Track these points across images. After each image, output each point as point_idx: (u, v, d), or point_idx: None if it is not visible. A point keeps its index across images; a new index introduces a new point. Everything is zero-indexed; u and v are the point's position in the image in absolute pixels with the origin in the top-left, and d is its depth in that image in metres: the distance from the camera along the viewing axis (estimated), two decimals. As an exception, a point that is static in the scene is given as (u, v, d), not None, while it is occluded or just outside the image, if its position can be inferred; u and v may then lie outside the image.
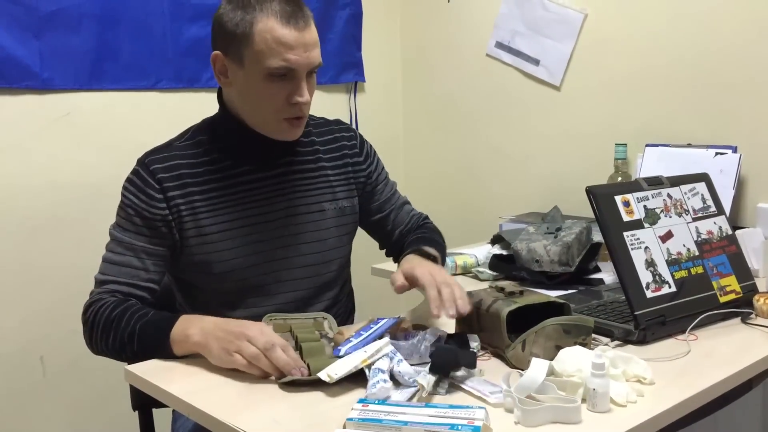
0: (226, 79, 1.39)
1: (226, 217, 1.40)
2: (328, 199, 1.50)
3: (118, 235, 1.39)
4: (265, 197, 1.44)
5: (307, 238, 1.47)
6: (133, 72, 2.23)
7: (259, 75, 1.33)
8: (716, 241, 1.48)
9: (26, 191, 2.09)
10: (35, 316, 2.14)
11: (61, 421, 2.20)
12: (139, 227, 1.37)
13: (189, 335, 1.23)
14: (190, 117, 1.50)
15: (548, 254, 1.68)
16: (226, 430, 1.02)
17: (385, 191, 1.62)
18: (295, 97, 1.34)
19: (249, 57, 1.32)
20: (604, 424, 0.99)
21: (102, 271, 1.38)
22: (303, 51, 1.32)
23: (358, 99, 2.79)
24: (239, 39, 1.32)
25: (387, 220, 1.62)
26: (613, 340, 1.31)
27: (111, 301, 1.32)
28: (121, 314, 1.30)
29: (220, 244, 1.40)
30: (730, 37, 1.99)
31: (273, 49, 1.30)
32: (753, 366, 1.24)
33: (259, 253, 1.43)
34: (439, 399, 1.08)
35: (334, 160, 1.53)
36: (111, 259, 1.38)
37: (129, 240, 1.37)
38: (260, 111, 1.38)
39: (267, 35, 1.30)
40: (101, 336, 1.31)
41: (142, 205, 1.37)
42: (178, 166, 1.39)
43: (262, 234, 1.43)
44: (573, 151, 2.38)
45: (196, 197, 1.39)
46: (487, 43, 2.56)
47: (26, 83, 2.05)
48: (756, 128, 1.95)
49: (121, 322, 1.29)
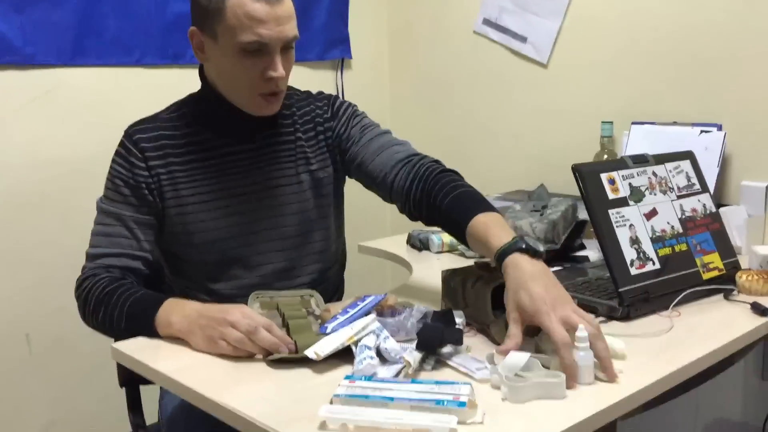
0: (203, 54, 1.39)
1: (204, 188, 1.42)
2: (304, 170, 1.50)
3: (106, 207, 1.39)
4: (244, 169, 1.44)
5: (285, 210, 1.47)
6: (117, 48, 2.20)
7: (233, 50, 1.32)
8: (700, 219, 1.49)
9: (9, 168, 2.07)
10: (21, 294, 2.13)
11: (48, 399, 2.20)
12: (126, 197, 1.38)
13: (172, 323, 1.23)
14: (175, 93, 1.49)
15: (534, 232, 1.69)
16: (214, 406, 1.03)
17: (362, 140, 1.50)
18: (269, 72, 1.34)
19: (222, 32, 1.32)
20: (589, 399, 1.01)
21: (93, 244, 1.38)
22: (275, 25, 1.31)
23: (345, 76, 2.78)
24: (212, 14, 1.31)
25: (365, 166, 1.48)
26: (597, 316, 1.32)
27: (104, 278, 1.33)
28: (111, 293, 1.30)
29: (200, 215, 1.41)
30: (717, 16, 1.99)
31: (244, 24, 1.29)
32: (735, 342, 1.25)
33: (238, 225, 1.44)
34: (425, 375, 1.09)
35: (308, 132, 1.52)
36: (101, 232, 1.38)
37: (117, 211, 1.38)
38: (236, 86, 1.38)
39: (238, 10, 1.29)
40: (92, 313, 1.32)
41: (127, 174, 1.38)
42: (160, 137, 1.41)
43: (241, 206, 1.44)
44: (559, 128, 2.38)
45: (176, 167, 1.40)
46: (475, 20, 2.55)
47: (8, 59, 2.03)
48: (741, 107, 1.96)
49: (110, 302, 1.29)
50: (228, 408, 1.00)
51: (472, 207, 1.31)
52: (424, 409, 0.94)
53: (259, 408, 0.99)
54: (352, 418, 0.93)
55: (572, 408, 0.98)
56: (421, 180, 1.41)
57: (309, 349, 1.11)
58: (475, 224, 1.27)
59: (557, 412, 0.98)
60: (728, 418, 1.68)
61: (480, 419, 0.94)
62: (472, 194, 1.37)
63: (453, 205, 1.34)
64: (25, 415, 2.16)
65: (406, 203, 1.44)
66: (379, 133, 1.52)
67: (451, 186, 1.37)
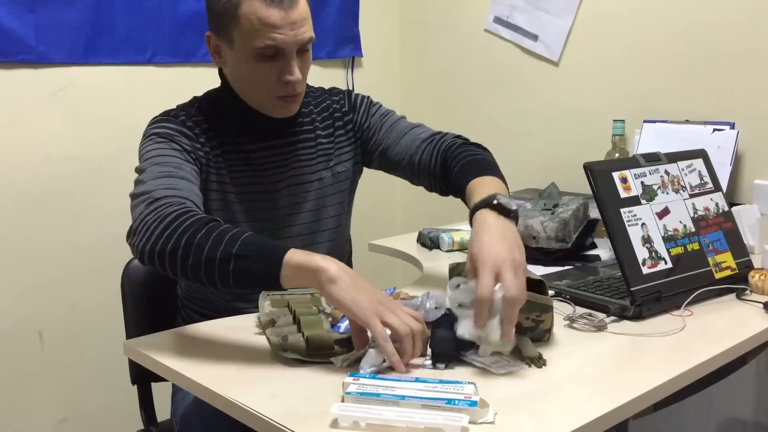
0: (220, 58, 1.40)
1: (242, 182, 1.42)
2: (324, 167, 1.51)
3: (158, 159, 1.28)
4: (265, 168, 1.45)
5: (306, 207, 1.49)
6: (129, 46, 2.21)
7: (248, 55, 1.33)
8: (712, 218, 1.49)
9: (22, 166, 2.09)
10: (33, 291, 2.14)
11: (60, 396, 2.21)
12: (181, 152, 1.33)
13: (314, 259, 1.08)
14: (186, 91, 1.50)
15: (545, 230, 1.68)
16: (225, 403, 1.03)
17: (383, 127, 1.55)
18: (286, 75, 1.34)
19: (237, 38, 1.32)
20: (600, 399, 1.00)
21: (149, 189, 1.22)
22: (289, 30, 1.31)
23: (356, 74, 2.78)
24: (227, 20, 1.32)
25: (390, 151, 1.53)
26: (608, 315, 1.32)
27: (197, 212, 1.18)
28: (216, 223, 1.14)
29: (236, 205, 1.42)
30: (729, 13, 1.98)
31: (258, 30, 1.30)
32: (747, 341, 1.25)
33: (259, 221, 1.44)
34: (427, 374, 1.08)
35: (327, 129, 1.53)
36: (160, 176, 1.24)
37: (174, 161, 1.30)
38: (253, 90, 1.39)
39: (252, 16, 1.29)
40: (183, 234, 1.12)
41: (181, 140, 1.34)
42: (199, 123, 1.40)
43: (262, 203, 1.44)
44: (571, 127, 2.38)
45: (217, 156, 1.40)
46: (486, 18, 2.55)
47: (21, 57, 2.04)
48: (754, 105, 1.95)
49: (220, 226, 1.13)
50: (239, 405, 1.01)
51: (475, 171, 1.35)
52: (435, 407, 0.94)
53: (270, 405, 0.99)
54: (364, 415, 0.93)
55: (584, 407, 0.98)
56: (440, 154, 1.46)
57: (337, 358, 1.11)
58: (471, 185, 1.32)
59: (569, 411, 0.98)
60: (740, 418, 1.67)
61: (491, 419, 0.94)
62: (480, 161, 1.40)
63: (460, 172, 1.38)
64: (38, 412, 2.18)
65: (431, 180, 1.49)
66: (398, 119, 1.57)
67: (464, 155, 1.42)
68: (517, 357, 1.12)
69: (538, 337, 1.18)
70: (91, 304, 2.20)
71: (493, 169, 1.38)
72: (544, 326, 1.17)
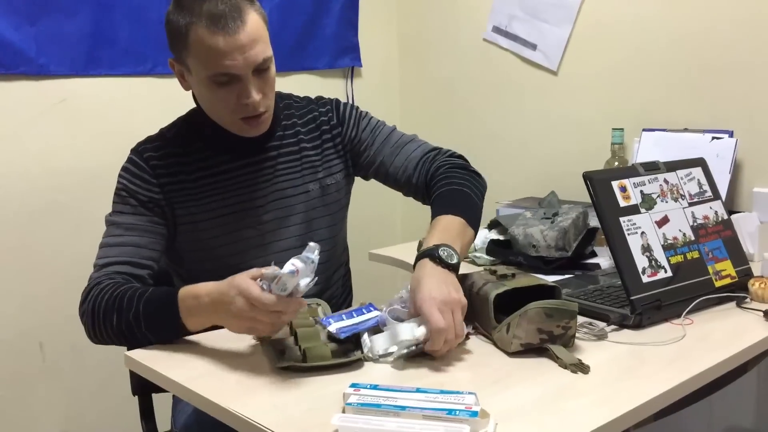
0: (185, 82, 1.40)
1: (214, 205, 1.42)
2: (311, 180, 1.50)
3: (116, 219, 1.39)
4: (250, 184, 1.45)
5: (296, 220, 1.48)
6: (129, 58, 2.22)
7: (204, 82, 1.33)
8: (712, 226, 1.49)
9: (22, 178, 2.09)
10: (34, 303, 2.14)
11: (61, 407, 2.21)
12: (136, 207, 1.38)
13: (199, 296, 1.20)
14: (186, 103, 1.50)
15: (545, 239, 1.68)
16: (227, 415, 1.03)
17: (375, 142, 1.55)
18: (244, 98, 1.33)
19: (192, 65, 1.33)
20: (602, 408, 1.00)
21: (100, 256, 1.37)
22: (239, 54, 1.28)
23: (355, 84, 2.79)
24: (180, 46, 1.32)
25: (384, 168, 1.55)
26: (609, 324, 1.32)
27: (110, 284, 1.30)
28: (121, 296, 1.26)
29: (212, 230, 1.42)
30: (728, 23, 1.99)
31: (208, 58, 1.29)
32: (748, 350, 1.25)
33: (247, 239, 1.44)
34: (429, 383, 1.08)
35: (313, 140, 1.53)
36: (109, 243, 1.37)
37: (127, 221, 1.38)
38: (217, 113, 1.39)
39: (199, 46, 1.29)
40: (104, 321, 1.27)
41: (137, 189, 1.38)
42: (170, 154, 1.41)
43: (250, 220, 1.44)
44: (570, 136, 2.38)
45: (187, 185, 1.41)
46: (485, 28, 2.56)
47: (22, 69, 2.04)
48: (752, 113, 1.96)
49: (123, 306, 1.25)
50: (240, 416, 1.01)
51: (443, 207, 1.39)
52: (436, 418, 0.94)
53: (271, 416, 0.99)
54: (365, 426, 0.93)
55: (585, 417, 0.98)
56: (428, 177, 1.50)
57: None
58: (433, 223, 1.37)
59: (570, 421, 0.97)
60: (741, 426, 1.67)
61: (492, 429, 0.94)
62: (455, 193, 1.43)
63: (434, 203, 1.44)
64: (38, 423, 2.17)
65: (423, 200, 1.54)
66: (390, 132, 1.57)
67: (444, 183, 1.45)
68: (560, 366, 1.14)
69: (565, 343, 1.18)
70: (91, 315, 2.19)
71: (464, 206, 1.40)
72: (571, 332, 1.18)
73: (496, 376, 1.12)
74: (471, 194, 1.44)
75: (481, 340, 1.26)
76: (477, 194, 1.46)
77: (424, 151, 1.53)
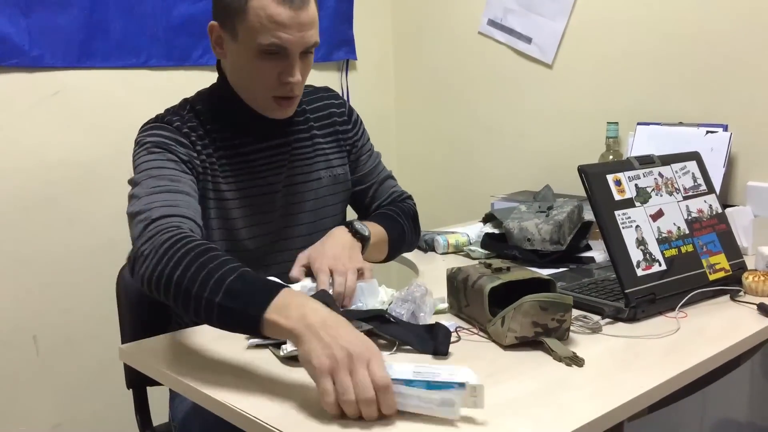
0: (221, 50, 1.38)
1: (231, 186, 1.41)
2: (323, 167, 1.51)
3: (154, 172, 1.25)
4: (265, 169, 1.44)
5: (305, 207, 1.49)
6: (123, 50, 2.21)
7: (251, 51, 1.32)
8: (706, 220, 1.49)
9: (16, 170, 2.08)
10: (28, 296, 2.13)
11: (55, 400, 2.21)
12: (177, 163, 1.30)
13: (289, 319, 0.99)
14: (181, 95, 1.50)
15: (540, 233, 1.69)
16: (224, 409, 1.03)
17: (368, 163, 1.61)
18: (286, 76, 1.33)
19: (242, 32, 1.31)
20: (596, 401, 1.01)
21: (145, 208, 1.18)
22: (297, 31, 1.30)
23: (350, 77, 2.78)
24: (234, 12, 1.31)
25: (367, 193, 1.60)
26: (603, 317, 1.32)
27: (191, 238, 1.13)
28: (209, 251, 1.09)
29: (231, 211, 1.40)
30: (722, 16, 1.99)
31: (266, 26, 1.28)
32: (741, 343, 1.25)
33: (259, 225, 1.44)
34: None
35: (325, 128, 1.53)
36: (156, 192, 1.21)
37: (171, 174, 1.27)
38: (251, 87, 1.38)
39: (261, 12, 1.28)
40: (175, 270, 1.09)
41: (176, 148, 1.31)
42: (190, 133, 1.37)
43: (264, 205, 1.44)
44: (565, 129, 2.38)
45: (212, 161, 1.38)
46: (480, 21, 2.55)
47: (15, 61, 2.03)
48: (746, 107, 1.96)
49: (211, 261, 1.07)
50: (236, 410, 1.01)
51: (376, 219, 1.52)
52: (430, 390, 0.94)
53: (268, 410, 0.99)
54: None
55: (580, 409, 0.98)
56: None
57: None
58: None
59: (564, 413, 0.98)
60: (735, 419, 1.68)
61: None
62: (386, 215, 1.56)
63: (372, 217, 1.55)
64: (32, 417, 2.17)
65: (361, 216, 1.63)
66: (377, 156, 1.64)
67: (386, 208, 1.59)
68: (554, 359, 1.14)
69: (559, 336, 1.18)
70: (85, 308, 2.19)
71: (392, 222, 1.54)
72: (566, 325, 1.19)
73: (491, 369, 1.12)
74: (404, 228, 1.56)
75: (475, 333, 1.27)
76: (408, 232, 1.58)
77: (395, 193, 1.63)
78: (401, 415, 0.95)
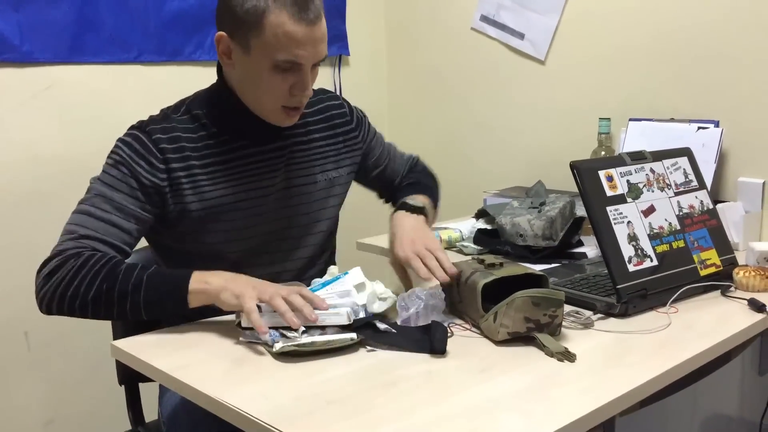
0: (229, 60, 1.37)
1: (226, 191, 1.40)
2: (319, 171, 1.51)
3: (107, 192, 1.33)
4: (262, 171, 1.44)
5: (299, 210, 1.49)
6: (115, 45, 2.20)
7: (265, 65, 1.32)
8: (697, 215, 1.50)
9: (7, 166, 2.07)
10: (19, 292, 2.11)
11: (47, 396, 2.20)
12: (133, 190, 1.33)
13: (209, 281, 1.25)
14: (173, 90, 1.50)
15: (532, 228, 1.69)
16: (213, 404, 1.03)
17: (377, 147, 1.66)
18: (299, 90, 1.34)
19: (256, 46, 1.31)
20: (588, 396, 1.01)
21: (80, 222, 1.32)
22: (312, 47, 1.31)
23: (343, 72, 2.78)
24: (248, 26, 1.30)
25: (385, 172, 1.69)
26: (595, 313, 1.33)
27: (95, 254, 1.27)
28: (116, 265, 1.26)
29: (221, 215, 1.40)
30: (714, 13, 1.99)
31: (282, 43, 1.29)
32: (732, 338, 1.26)
33: (254, 227, 1.44)
34: (417, 371, 1.09)
35: (324, 131, 1.54)
36: (95, 214, 1.32)
37: (119, 200, 1.33)
38: (261, 98, 1.38)
39: (278, 30, 1.28)
40: (83, 284, 1.25)
41: (141, 171, 1.34)
42: (179, 138, 1.37)
43: (260, 208, 1.44)
44: (557, 125, 2.39)
45: (197, 170, 1.38)
46: (472, 17, 2.55)
47: (5, 56, 2.02)
48: (738, 103, 1.97)
49: (121, 272, 1.25)
50: (227, 405, 1.01)
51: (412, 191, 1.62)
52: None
53: (258, 405, 0.99)
54: None
55: (571, 404, 0.99)
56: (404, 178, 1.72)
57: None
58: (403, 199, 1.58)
59: (556, 409, 0.98)
60: (726, 414, 1.68)
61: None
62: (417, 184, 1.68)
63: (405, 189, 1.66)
64: (24, 413, 2.17)
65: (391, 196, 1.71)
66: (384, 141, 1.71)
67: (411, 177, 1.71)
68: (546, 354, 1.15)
69: (551, 332, 1.19)
70: (77, 304, 2.18)
71: (430, 192, 1.67)
72: (558, 321, 1.19)
73: (483, 364, 1.13)
74: (433, 190, 1.71)
75: (468, 329, 1.27)
76: (435, 187, 1.73)
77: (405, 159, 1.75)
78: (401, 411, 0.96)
